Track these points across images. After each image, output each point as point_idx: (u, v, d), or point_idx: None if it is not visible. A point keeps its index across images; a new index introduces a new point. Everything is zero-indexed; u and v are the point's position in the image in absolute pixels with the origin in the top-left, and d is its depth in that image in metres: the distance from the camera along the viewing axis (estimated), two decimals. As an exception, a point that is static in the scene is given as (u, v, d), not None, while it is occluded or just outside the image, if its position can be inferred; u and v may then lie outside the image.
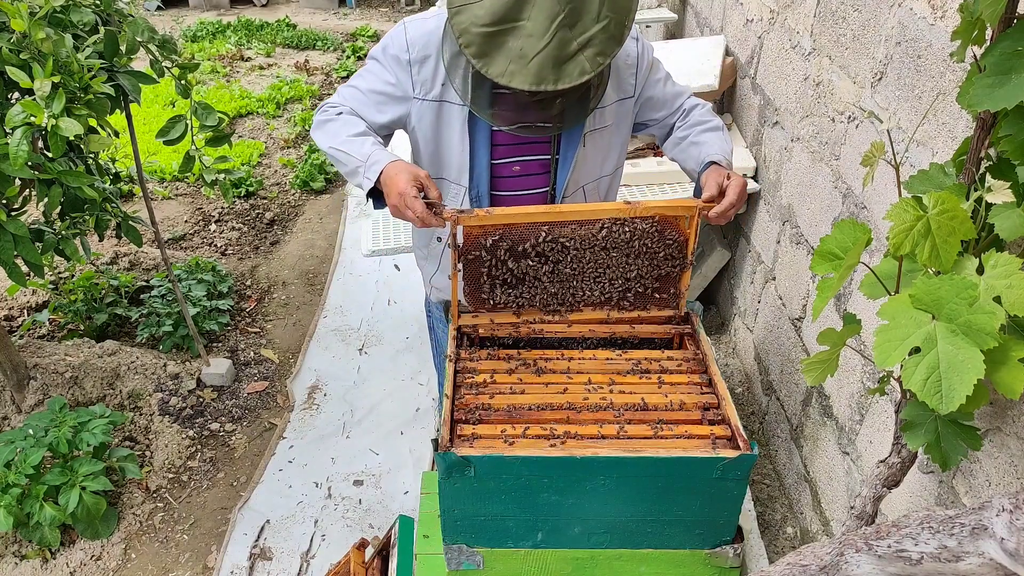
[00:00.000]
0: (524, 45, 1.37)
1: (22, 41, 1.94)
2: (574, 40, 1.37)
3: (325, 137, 1.72)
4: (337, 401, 3.10)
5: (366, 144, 1.64)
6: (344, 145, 1.66)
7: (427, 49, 1.65)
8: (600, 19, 1.37)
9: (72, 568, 2.39)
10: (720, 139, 1.82)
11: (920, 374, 1.02)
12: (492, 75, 1.40)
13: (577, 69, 1.39)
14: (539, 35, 1.36)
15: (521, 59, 1.37)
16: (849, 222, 1.20)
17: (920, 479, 1.66)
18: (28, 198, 2.39)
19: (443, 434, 1.53)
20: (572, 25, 1.36)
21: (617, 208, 1.65)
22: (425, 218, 1.53)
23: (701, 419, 1.62)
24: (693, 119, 1.88)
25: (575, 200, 1.86)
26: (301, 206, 4.63)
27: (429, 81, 1.68)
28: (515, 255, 1.70)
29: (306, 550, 2.47)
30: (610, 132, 1.80)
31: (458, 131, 1.72)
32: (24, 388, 2.76)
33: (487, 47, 1.39)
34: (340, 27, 8.14)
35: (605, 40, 1.39)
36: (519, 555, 1.63)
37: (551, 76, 1.38)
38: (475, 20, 1.37)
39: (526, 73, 1.38)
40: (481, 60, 1.40)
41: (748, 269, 2.92)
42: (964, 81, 1.10)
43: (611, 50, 1.40)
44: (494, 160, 1.78)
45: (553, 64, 1.37)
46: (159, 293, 3.43)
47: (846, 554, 1.04)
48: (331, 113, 1.77)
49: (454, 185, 1.81)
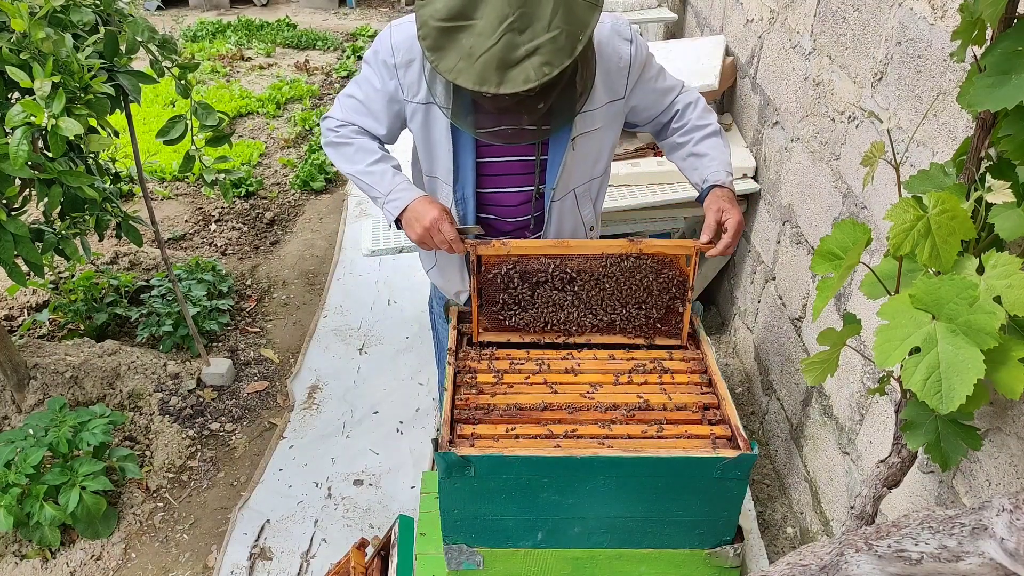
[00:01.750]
0: (474, 44, 1.37)
1: (22, 41, 1.94)
2: (522, 46, 1.36)
3: (344, 162, 1.81)
4: (337, 401, 3.10)
5: (386, 176, 1.77)
6: (365, 176, 1.78)
7: (411, 52, 1.66)
8: (551, 28, 1.36)
9: (72, 568, 2.39)
10: (720, 147, 1.84)
11: (920, 374, 1.02)
12: (441, 70, 1.41)
13: (522, 76, 1.38)
14: (487, 35, 1.36)
15: (469, 57, 1.38)
16: (849, 222, 1.20)
17: (920, 479, 1.66)
18: (28, 198, 2.39)
19: (443, 434, 1.53)
20: (522, 30, 1.36)
21: (621, 245, 1.76)
22: (455, 243, 1.71)
23: (701, 419, 1.62)
24: (690, 122, 1.87)
25: (565, 202, 1.86)
26: (301, 206, 4.63)
27: (415, 84, 1.69)
28: (528, 282, 1.80)
29: (306, 550, 2.47)
30: (600, 134, 1.79)
31: (444, 132, 1.73)
32: (24, 388, 2.76)
33: (441, 41, 1.40)
34: (340, 27, 8.14)
35: (554, 51, 1.37)
36: (519, 555, 1.63)
37: (494, 78, 1.38)
38: (434, 14, 1.39)
39: (471, 72, 1.38)
40: (434, 54, 1.41)
41: (748, 269, 2.92)
42: (964, 81, 1.10)
43: (559, 61, 1.38)
44: (480, 159, 1.78)
45: (498, 66, 1.37)
46: (159, 293, 3.43)
47: (846, 554, 1.04)
48: (344, 135, 1.81)
49: (444, 185, 1.81)
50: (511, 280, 1.79)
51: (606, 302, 1.82)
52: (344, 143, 1.81)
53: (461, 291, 1.99)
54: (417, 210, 1.73)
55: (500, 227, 1.91)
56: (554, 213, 1.86)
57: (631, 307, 1.83)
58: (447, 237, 1.71)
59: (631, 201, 2.83)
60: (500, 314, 1.84)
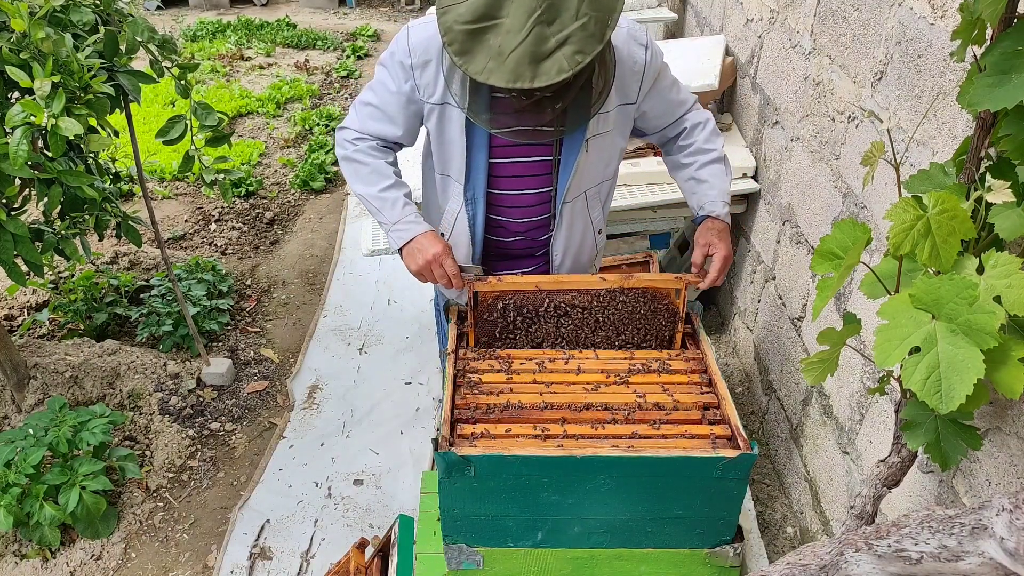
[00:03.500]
0: (502, 42, 1.36)
1: (22, 41, 1.94)
2: (552, 37, 1.36)
3: (357, 182, 1.82)
4: (337, 401, 3.10)
5: (397, 206, 1.79)
6: (375, 200, 1.80)
7: (428, 54, 1.66)
8: (579, 16, 1.36)
9: (72, 568, 2.39)
10: (721, 175, 1.87)
11: (920, 374, 1.02)
12: (472, 73, 1.40)
13: (555, 67, 1.37)
14: (516, 31, 1.35)
15: (499, 56, 1.37)
16: (849, 222, 1.20)
17: (920, 479, 1.66)
18: (28, 198, 2.39)
19: (443, 434, 1.53)
20: (550, 22, 1.35)
21: (613, 280, 1.84)
22: (455, 278, 1.76)
23: (701, 419, 1.62)
24: (696, 144, 1.88)
25: (576, 204, 1.86)
26: (301, 206, 4.63)
27: (431, 84, 1.69)
28: (523, 315, 1.87)
29: (306, 550, 2.47)
30: (612, 137, 1.80)
31: (458, 131, 1.73)
32: (24, 388, 2.76)
33: (469, 44, 1.39)
34: (340, 26, 8.14)
35: (584, 38, 1.37)
36: (519, 555, 1.63)
37: (527, 73, 1.37)
38: (458, 18, 1.38)
39: (503, 70, 1.37)
40: (462, 58, 1.40)
41: (748, 269, 2.92)
42: (964, 81, 1.10)
43: (591, 48, 1.38)
44: (493, 160, 1.78)
45: (530, 61, 1.36)
46: (159, 293, 3.43)
47: (846, 553, 1.04)
48: (360, 151, 1.81)
49: (456, 183, 1.81)
50: (507, 314, 1.86)
51: (599, 331, 1.89)
52: (359, 162, 1.81)
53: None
54: (422, 243, 1.77)
55: (512, 228, 1.91)
56: (565, 215, 1.86)
57: (624, 335, 1.90)
58: (449, 271, 1.76)
59: (631, 201, 2.83)
60: (497, 343, 1.90)
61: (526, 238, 1.94)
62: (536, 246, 1.97)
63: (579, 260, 2.00)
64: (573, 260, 1.97)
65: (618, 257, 2.69)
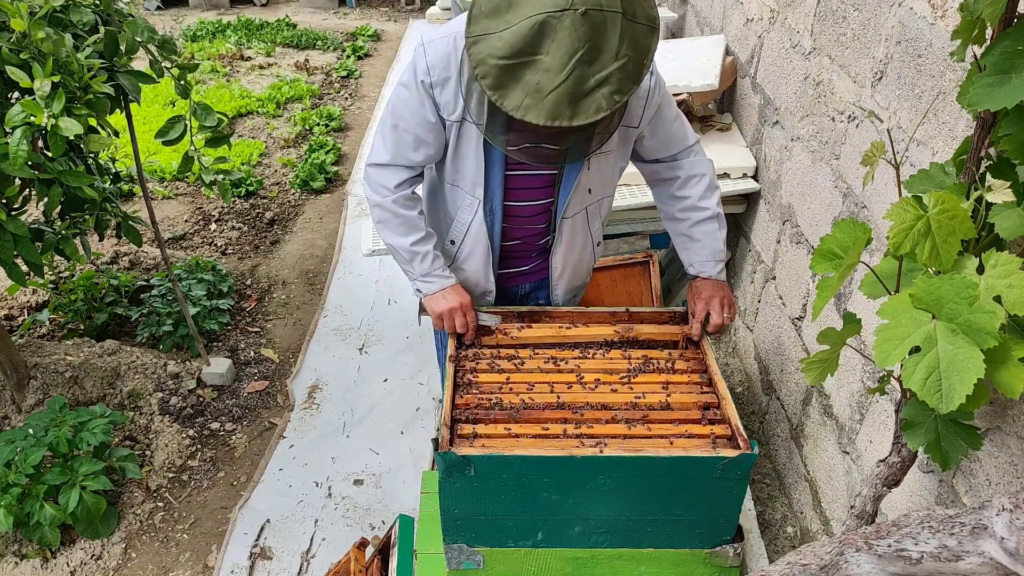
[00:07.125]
0: (541, 80, 1.33)
1: (22, 41, 1.94)
2: (592, 77, 1.34)
3: (388, 232, 1.87)
4: (337, 401, 3.10)
5: (427, 260, 1.86)
6: (407, 253, 1.87)
7: (447, 71, 1.64)
8: (619, 57, 1.34)
9: (72, 567, 2.39)
10: (713, 235, 1.91)
11: (920, 373, 1.02)
12: (507, 108, 1.37)
13: (593, 106, 1.35)
14: (556, 71, 1.32)
15: (537, 93, 1.34)
16: (849, 221, 1.20)
17: (920, 478, 1.66)
18: (28, 198, 2.39)
19: (443, 433, 1.53)
20: (591, 62, 1.33)
21: (616, 332, 1.89)
22: (472, 331, 1.87)
23: (701, 419, 1.62)
24: (690, 201, 1.90)
25: (577, 220, 1.88)
26: (301, 206, 4.63)
27: (451, 102, 1.67)
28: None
29: (306, 550, 2.47)
30: (614, 156, 1.81)
31: (475, 148, 1.73)
32: (24, 388, 2.76)
33: (503, 79, 1.35)
34: (340, 26, 8.14)
35: (623, 79, 1.35)
36: (519, 554, 1.63)
37: (567, 112, 1.35)
38: (492, 52, 1.34)
39: (541, 108, 1.35)
40: (497, 92, 1.37)
41: (748, 269, 2.92)
42: (964, 81, 1.10)
43: (628, 88, 1.37)
44: (508, 172, 1.79)
45: (569, 100, 1.34)
46: (159, 293, 3.43)
47: (846, 553, 1.04)
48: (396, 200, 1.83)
49: (468, 196, 1.81)
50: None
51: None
52: (392, 213, 1.83)
53: (487, 291, 2.00)
54: (448, 295, 1.86)
55: (513, 233, 1.93)
56: (566, 230, 1.88)
57: None
58: (469, 323, 1.86)
59: (631, 201, 2.83)
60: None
61: (523, 242, 1.98)
62: (534, 248, 2.01)
63: (578, 272, 2.03)
64: (572, 272, 2.01)
65: (618, 257, 2.69)
